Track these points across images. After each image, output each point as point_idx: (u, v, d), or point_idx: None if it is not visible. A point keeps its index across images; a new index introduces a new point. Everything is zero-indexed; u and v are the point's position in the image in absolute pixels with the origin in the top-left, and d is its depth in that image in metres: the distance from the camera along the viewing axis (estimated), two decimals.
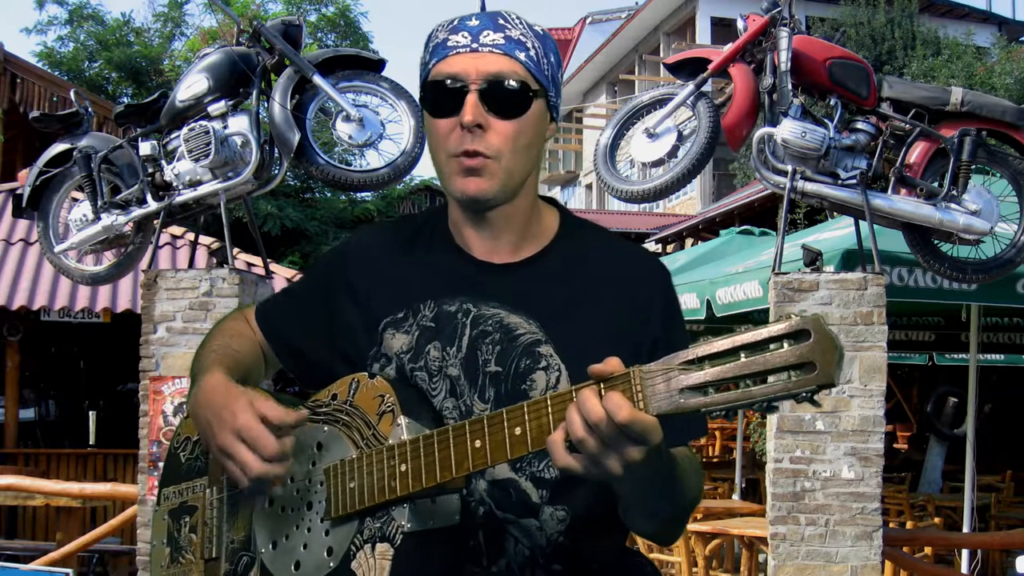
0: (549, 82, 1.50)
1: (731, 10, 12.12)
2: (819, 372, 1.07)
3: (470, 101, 1.44)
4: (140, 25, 18.37)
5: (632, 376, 1.17)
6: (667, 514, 1.40)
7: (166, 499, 1.68)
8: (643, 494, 1.30)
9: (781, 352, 1.08)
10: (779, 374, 1.09)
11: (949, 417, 10.23)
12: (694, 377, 1.13)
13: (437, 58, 1.48)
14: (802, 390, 1.08)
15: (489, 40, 1.46)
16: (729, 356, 1.12)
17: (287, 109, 4.54)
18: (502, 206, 1.50)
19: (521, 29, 1.48)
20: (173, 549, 1.65)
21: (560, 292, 1.51)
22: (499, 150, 1.45)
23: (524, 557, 1.45)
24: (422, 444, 1.34)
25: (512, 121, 1.45)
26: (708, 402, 1.12)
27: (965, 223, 4.43)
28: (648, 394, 1.16)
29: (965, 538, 6.54)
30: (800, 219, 11.22)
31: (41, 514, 9.11)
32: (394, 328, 1.53)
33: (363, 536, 1.39)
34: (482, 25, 1.47)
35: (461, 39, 1.47)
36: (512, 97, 1.45)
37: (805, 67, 4.47)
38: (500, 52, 1.45)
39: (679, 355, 1.15)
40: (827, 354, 1.07)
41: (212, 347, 1.61)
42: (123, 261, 5.22)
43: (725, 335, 1.13)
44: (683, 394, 1.14)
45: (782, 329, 1.09)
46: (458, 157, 1.45)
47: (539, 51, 1.49)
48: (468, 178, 1.46)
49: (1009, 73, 14.60)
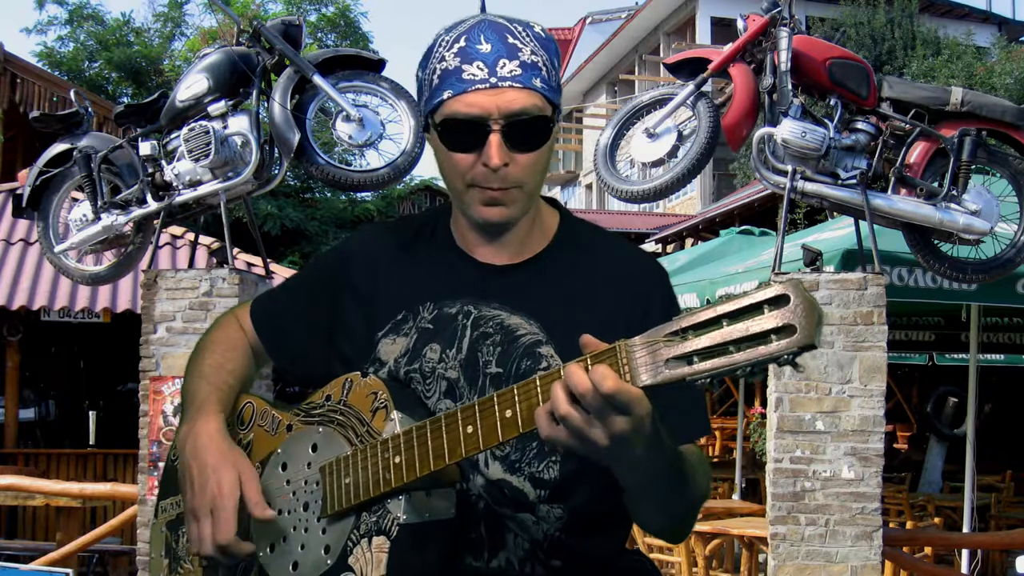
0: (558, 93, 1.50)
1: (731, 10, 12.11)
2: (800, 334, 1.08)
3: (494, 142, 1.42)
4: (140, 25, 18.39)
5: (618, 350, 1.18)
6: (677, 507, 1.41)
7: (163, 511, 1.69)
8: (651, 484, 1.30)
9: (762, 317, 1.10)
10: (761, 339, 1.10)
11: (949, 417, 10.23)
12: (679, 348, 1.14)
13: (452, 91, 1.44)
14: (784, 352, 1.09)
15: (507, 72, 1.43)
16: (712, 325, 1.13)
17: (287, 109, 4.54)
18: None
19: (530, 45, 1.46)
20: (172, 560, 1.65)
21: (561, 293, 1.51)
22: (522, 180, 1.46)
23: (524, 551, 1.46)
24: (415, 434, 1.34)
25: (534, 153, 1.46)
26: (693, 371, 1.14)
27: (965, 223, 4.43)
28: (634, 366, 1.17)
29: (965, 538, 6.54)
30: (800, 219, 11.23)
31: (41, 514, 9.11)
32: (393, 333, 1.53)
33: (360, 531, 1.39)
34: (495, 52, 1.43)
35: (477, 72, 1.43)
36: (534, 131, 1.45)
37: (805, 67, 4.47)
38: (519, 86, 1.43)
39: (663, 327, 1.17)
40: (807, 316, 1.08)
41: (203, 370, 1.62)
42: (123, 261, 5.22)
43: (707, 305, 1.15)
44: (668, 364, 1.15)
45: (762, 295, 1.11)
46: (480, 188, 1.46)
47: (548, 64, 1.47)
48: (492, 208, 1.47)
49: (1009, 73, 14.61)
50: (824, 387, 4.45)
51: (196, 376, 1.61)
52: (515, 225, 1.51)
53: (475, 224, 1.51)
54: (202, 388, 1.58)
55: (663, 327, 1.17)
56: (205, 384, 1.59)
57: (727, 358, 1.12)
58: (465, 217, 1.52)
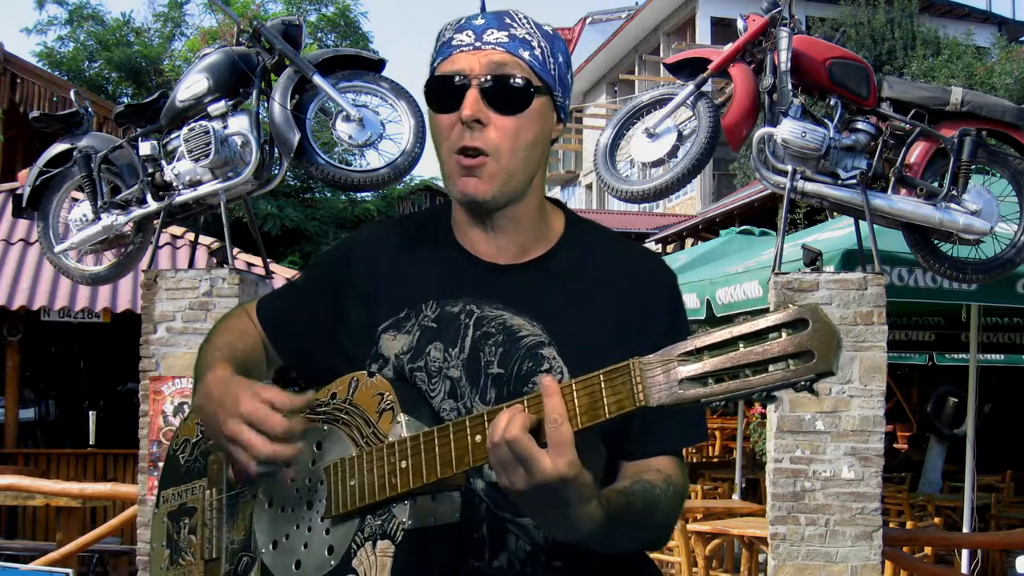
0: (555, 81, 1.50)
1: (731, 10, 12.12)
2: (818, 360, 1.07)
3: (470, 96, 1.44)
4: (140, 25, 18.39)
5: (632, 367, 1.17)
6: (632, 544, 1.43)
7: (165, 501, 1.68)
8: (588, 541, 1.30)
9: (779, 341, 1.09)
10: (778, 363, 1.09)
11: (949, 417, 10.23)
12: (693, 368, 1.13)
13: (442, 56, 1.49)
14: (801, 379, 1.08)
15: (493, 38, 1.46)
16: (728, 346, 1.12)
17: (287, 109, 4.54)
18: (508, 208, 1.50)
19: (528, 28, 1.49)
20: (173, 551, 1.65)
21: (564, 294, 1.50)
22: (498, 147, 1.44)
23: (526, 553, 1.45)
24: (422, 440, 1.34)
25: (513, 117, 1.45)
26: (707, 393, 1.12)
27: (965, 223, 4.43)
28: (648, 385, 1.16)
29: (965, 538, 6.54)
30: (800, 219, 11.23)
31: (41, 514, 9.10)
32: (395, 329, 1.52)
33: (364, 534, 1.38)
34: (487, 24, 1.48)
35: (465, 38, 1.47)
36: (513, 93, 1.45)
37: (805, 67, 4.47)
38: (503, 50, 1.46)
39: (678, 346, 1.15)
40: (825, 342, 1.07)
41: (216, 345, 1.60)
42: (123, 261, 5.22)
43: (724, 326, 1.13)
44: (682, 385, 1.14)
45: (780, 318, 1.09)
46: (457, 155, 1.45)
47: (546, 51, 1.49)
48: (467, 178, 1.46)
49: (1009, 73, 14.61)
50: (824, 387, 4.45)
51: (207, 351, 1.60)
52: (500, 208, 1.49)
53: (463, 207, 1.51)
54: (213, 356, 1.56)
55: (678, 346, 1.15)
56: (217, 354, 1.57)
57: (742, 381, 1.10)
58: (453, 199, 1.52)
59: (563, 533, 1.28)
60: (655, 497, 1.39)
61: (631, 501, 1.35)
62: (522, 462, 1.19)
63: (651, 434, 1.46)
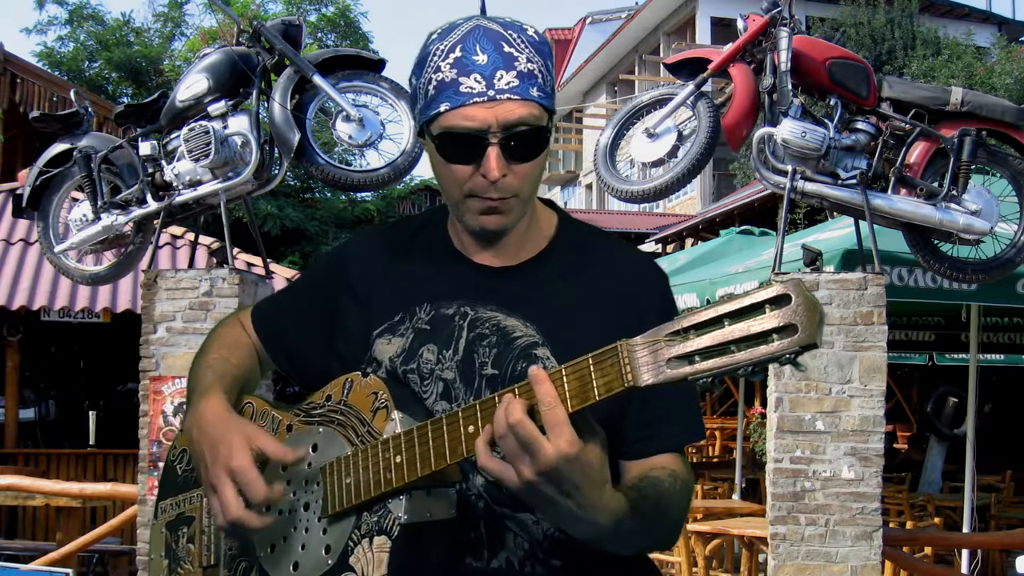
0: (553, 97, 1.49)
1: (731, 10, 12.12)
2: (801, 334, 1.08)
3: (492, 155, 1.41)
4: (140, 25, 18.43)
5: (619, 349, 1.18)
6: (644, 544, 1.43)
7: (163, 512, 1.69)
8: (598, 541, 1.31)
9: (763, 317, 1.10)
10: (763, 338, 1.10)
11: (949, 417, 10.23)
12: (680, 347, 1.15)
13: (450, 104, 1.42)
14: (785, 352, 1.09)
15: (504, 84, 1.41)
16: (713, 325, 1.13)
17: (287, 109, 4.54)
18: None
19: (526, 52, 1.44)
20: (171, 561, 1.65)
21: (558, 295, 1.51)
22: (519, 189, 1.46)
23: (524, 551, 1.46)
24: (416, 434, 1.34)
25: (532, 163, 1.46)
26: (695, 370, 1.14)
27: (965, 223, 4.43)
28: (636, 366, 1.17)
29: (965, 538, 6.55)
30: (800, 219, 11.24)
31: (41, 514, 9.10)
32: (389, 333, 1.53)
33: (360, 531, 1.38)
34: (493, 64, 1.41)
35: (475, 84, 1.41)
36: (531, 142, 1.44)
37: (805, 67, 4.47)
38: (517, 97, 1.41)
39: (664, 327, 1.17)
40: (809, 316, 1.09)
41: (208, 361, 1.61)
42: (123, 261, 5.22)
43: (709, 305, 1.15)
44: (670, 364, 1.15)
45: (764, 295, 1.11)
46: (479, 198, 1.45)
47: (544, 71, 1.45)
48: (489, 216, 1.47)
49: (1009, 73, 14.62)
50: (824, 387, 4.45)
51: (200, 367, 1.61)
52: (511, 230, 1.51)
53: (472, 232, 1.52)
54: (206, 376, 1.58)
55: (664, 327, 1.17)
56: (210, 373, 1.58)
57: (728, 357, 1.12)
58: (461, 224, 1.53)
59: (581, 528, 1.28)
60: (664, 490, 1.40)
61: (643, 494, 1.36)
62: (526, 448, 1.20)
63: (650, 433, 1.47)
